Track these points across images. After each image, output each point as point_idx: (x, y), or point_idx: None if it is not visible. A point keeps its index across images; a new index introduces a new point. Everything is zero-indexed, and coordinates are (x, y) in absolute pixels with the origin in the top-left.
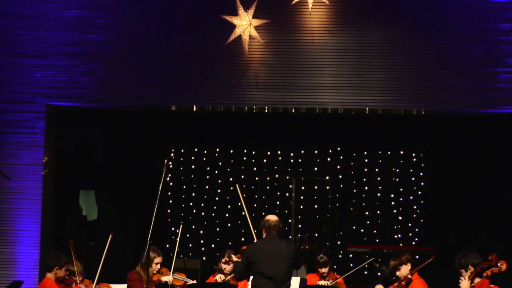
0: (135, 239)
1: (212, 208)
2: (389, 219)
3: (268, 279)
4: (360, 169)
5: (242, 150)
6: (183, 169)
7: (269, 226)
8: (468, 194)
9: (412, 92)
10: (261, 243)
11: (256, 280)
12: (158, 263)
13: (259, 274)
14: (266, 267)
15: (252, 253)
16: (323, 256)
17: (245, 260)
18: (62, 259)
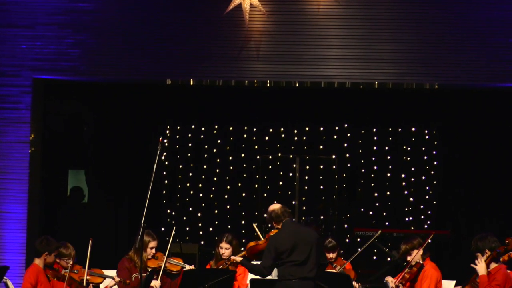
0: (128, 222)
1: (211, 189)
2: (399, 200)
3: (300, 265)
4: (368, 147)
5: (243, 127)
6: (179, 147)
7: (277, 216)
8: (484, 173)
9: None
10: (284, 231)
11: (286, 268)
12: (153, 247)
13: (290, 262)
14: (296, 254)
15: (280, 243)
16: (332, 240)
17: (273, 253)
18: (52, 244)
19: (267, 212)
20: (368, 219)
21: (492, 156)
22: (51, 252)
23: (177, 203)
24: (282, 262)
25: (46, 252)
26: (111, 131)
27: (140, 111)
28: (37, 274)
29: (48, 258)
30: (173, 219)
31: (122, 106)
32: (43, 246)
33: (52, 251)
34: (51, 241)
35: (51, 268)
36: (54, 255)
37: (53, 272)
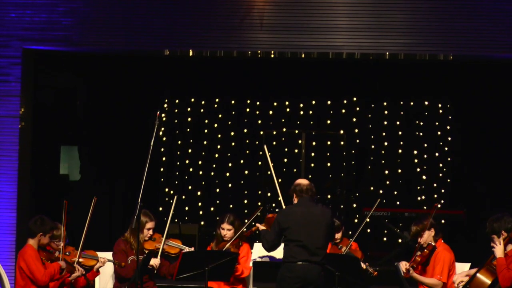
0: (123, 201)
1: (211, 167)
2: (411, 178)
3: (303, 247)
4: (379, 122)
5: (245, 101)
6: (178, 122)
7: (300, 190)
8: (501, 149)
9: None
10: (294, 208)
11: (290, 249)
12: (150, 228)
13: (293, 242)
14: (301, 234)
15: (285, 219)
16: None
17: (277, 228)
18: (47, 225)
19: (293, 184)
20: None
21: (509, 130)
22: (45, 233)
23: (175, 181)
24: (286, 241)
25: (41, 233)
26: (105, 105)
27: (136, 84)
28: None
29: (42, 239)
30: (171, 198)
31: (117, 79)
32: (37, 227)
33: (47, 232)
34: (46, 221)
35: (44, 250)
36: (49, 236)
37: (47, 255)
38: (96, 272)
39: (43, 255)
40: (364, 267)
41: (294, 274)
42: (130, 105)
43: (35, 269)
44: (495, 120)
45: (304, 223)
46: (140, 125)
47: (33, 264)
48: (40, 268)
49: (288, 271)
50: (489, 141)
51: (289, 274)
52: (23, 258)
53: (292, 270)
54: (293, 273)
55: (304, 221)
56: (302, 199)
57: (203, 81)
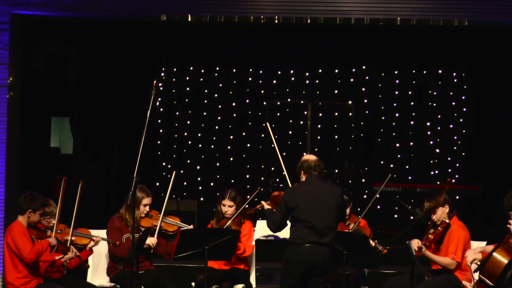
0: (118, 176)
1: (211, 139)
2: (424, 152)
3: (311, 228)
4: (389, 92)
5: (247, 69)
6: (176, 92)
7: (308, 167)
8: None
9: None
10: (302, 186)
11: (298, 229)
12: (147, 204)
13: (301, 222)
14: (309, 214)
15: (292, 198)
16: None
17: (283, 207)
18: (37, 201)
19: (300, 160)
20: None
21: None
22: (36, 210)
23: (173, 155)
24: (293, 221)
25: (30, 210)
26: (99, 74)
27: (131, 52)
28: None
29: (32, 216)
30: (168, 173)
31: (111, 46)
32: (27, 203)
33: (37, 209)
34: (37, 197)
35: (35, 227)
36: (39, 213)
37: (38, 233)
38: (90, 251)
39: (33, 233)
40: (373, 245)
41: (301, 256)
42: (125, 74)
43: (22, 245)
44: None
45: (312, 202)
46: (136, 95)
47: (20, 241)
48: (27, 245)
49: (295, 253)
50: (506, 112)
51: (296, 256)
52: (10, 234)
53: (299, 252)
54: (300, 256)
55: (313, 200)
56: (311, 176)
57: (203, 48)
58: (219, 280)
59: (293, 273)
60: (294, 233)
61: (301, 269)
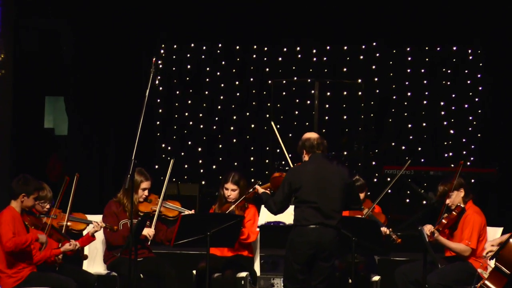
0: (115, 159)
1: (213, 120)
2: (437, 133)
3: (317, 209)
4: (401, 70)
5: (251, 46)
6: (176, 70)
7: (311, 146)
8: None
9: None
10: (306, 166)
11: (302, 211)
12: (146, 188)
13: (305, 203)
14: (315, 195)
15: (296, 179)
16: (359, 178)
17: (286, 188)
18: (31, 185)
19: (301, 140)
20: (400, 155)
21: None
22: (29, 194)
23: (173, 136)
24: (297, 202)
25: (24, 194)
26: (95, 51)
27: (129, 27)
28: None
29: (26, 201)
30: (169, 155)
31: (108, 22)
32: (20, 186)
33: (31, 193)
34: (30, 180)
35: (29, 213)
36: (34, 198)
37: (32, 219)
38: (92, 237)
39: (27, 220)
40: (388, 233)
41: (306, 238)
42: (122, 51)
43: (3, 232)
44: None
45: (318, 182)
46: (134, 74)
47: (3, 227)
48: (8, 232)
49: (300, 236)
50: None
51: (301, 238)
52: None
53: (303, 234)
54: (305, 238)
55: (318, 180)
56: (314, 155)
57: (204, 24)
58: (221, 267)
59: (298, 257)
60: (298, 214)
61: (306, 252)
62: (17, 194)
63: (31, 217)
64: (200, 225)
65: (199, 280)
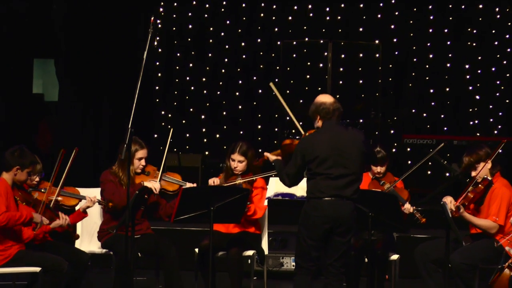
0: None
1: (217, 84)
2: (462, 98)
3: (332, 181)
4: (422, 30)
5: (259, 4)
6: (177, 30)
7: (327, 112)
8: None
9: None
10: (320, 135)
11: (317, 182)
12: (142, 158)
13: (320, 175)
14: (330, 165)
15: (309, 149)
16: (380, 150)
17: (299, 160)
18: (27, 158)
19: (314, 103)
20: (421, 123)
21: None
22: (24, 167)
23: (173, 102)
24: (311, 174)
25: (18, 166)
26: (88, 9)
27: None
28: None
29: (19, 174)
30: (169, 123)
31: None
32: (15, 159)
33: (26, 166)
34: (27, 153)
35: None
36: (27, 172)
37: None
38: (84, 213)
39: (18, 195)
40: (411, 211)
41: (322, 212)
42: (118, 9)
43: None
44: None
45: (333, 153)
46: (131, 34)
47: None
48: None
49: (314, 209)
50: None
51: (316, 212)
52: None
53: (318, 208)
54: (321, 211)
55: (334, 150)
56: (329, 123)
57: None
58: (226, 245)
59: (313, 232)
60: (312, 186)
61: (322, 227)
62: (10, 166)
63: (22, 191)
64: (202, 199)
65: (202, 259)
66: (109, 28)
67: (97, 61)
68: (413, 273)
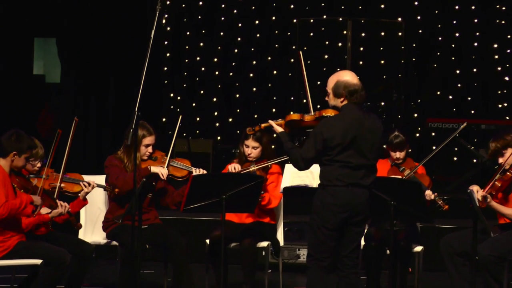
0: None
1: (230, 65)
2: (490, 80)
3: (352, 169)
4: (448, 7)
5: None
6: (186, 7)
7: (352, 92)
8: None
9: None
10: (342, 119)
11: (335, 170)
12: (149, 145)
13: (339, 162)
14: (351, 153)
15: (332, 134)
16: (398, 134)
17: (320, 144)
18: (25, 142)
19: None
20: (446, 106)
21: None
22: (21, 153)
23: (183, 84)
24: (330, 160)
25: (15, 152)
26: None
27: None
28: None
29: (16, 160)
30: (178, 106)
31: None
32: (11, 144)
33: (24, 151)
34: (24, 137)
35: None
36: (25, 157)
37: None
38: (83, 201)
39: (16, 182)
40: (433, 198)
41: (340, 201)
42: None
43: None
44: None
45: (356, 139)
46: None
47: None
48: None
49: (332, 197)
50: None
51: (333, 200)
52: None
53: (336, 196)
54: (339, 200)
55: (357, 138)
56: (350, 106)
57: None
58: (239, 236)
59: (330, 221)
60: (330, 173)
61: (340, 215)
62: (7, 152)
63: (20, 178)
64: (214, 186)
65: (213, 251)
66: (114, 4)
67: (102, 40)
68: (438, 266)
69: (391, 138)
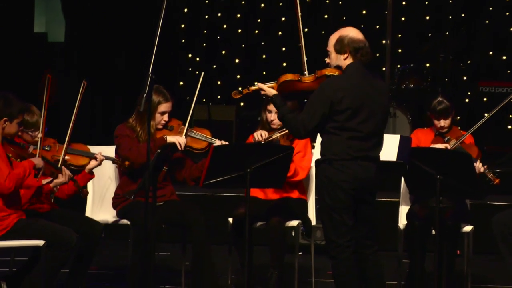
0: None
1: (255, 22)
2: None
3: (361, 140)
4: None
5: None
6: None
7: (358, 48)
8: None
9: None
10: (349, 79)
11: (343, 141)
12: (165, 112)
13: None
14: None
15: (339, 96)
16: (443, 100)
17: (326, 108)
18: (15, 106)
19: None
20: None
21: None
22: (13, 118)
23: (202, 43)
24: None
25: (6, 118)
26: None
27: None
28: None
29: (8, 126)
30: (196, 68)
31: None
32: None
33: (15, 116)
34: (13, 101)
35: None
36: (18, 122)
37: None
38: (90, 175)
39: (11, 151)
40: (482, 171)
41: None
42: None
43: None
44: None
45: (364, 103)
46: None
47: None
48: (3, 169)
49: (342, 172)
50: None
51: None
52: None
53: (346, 171)
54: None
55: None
56: (356, 65)
57: None
58: (265, 214)
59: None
60: (337, 145)
61: (351, 192)
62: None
63: (14, 147)
64: (237, 159)
65: (237, 230)
66: None
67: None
68: (489, 248)
69: (434, 104)
